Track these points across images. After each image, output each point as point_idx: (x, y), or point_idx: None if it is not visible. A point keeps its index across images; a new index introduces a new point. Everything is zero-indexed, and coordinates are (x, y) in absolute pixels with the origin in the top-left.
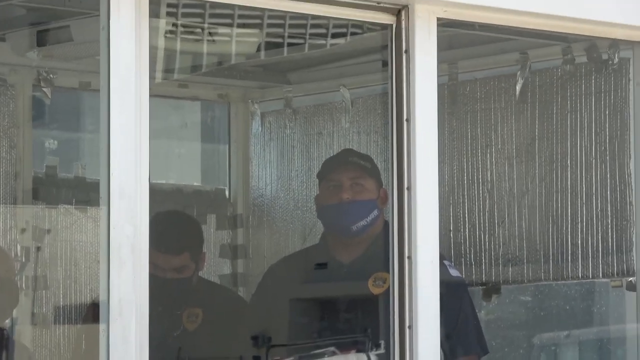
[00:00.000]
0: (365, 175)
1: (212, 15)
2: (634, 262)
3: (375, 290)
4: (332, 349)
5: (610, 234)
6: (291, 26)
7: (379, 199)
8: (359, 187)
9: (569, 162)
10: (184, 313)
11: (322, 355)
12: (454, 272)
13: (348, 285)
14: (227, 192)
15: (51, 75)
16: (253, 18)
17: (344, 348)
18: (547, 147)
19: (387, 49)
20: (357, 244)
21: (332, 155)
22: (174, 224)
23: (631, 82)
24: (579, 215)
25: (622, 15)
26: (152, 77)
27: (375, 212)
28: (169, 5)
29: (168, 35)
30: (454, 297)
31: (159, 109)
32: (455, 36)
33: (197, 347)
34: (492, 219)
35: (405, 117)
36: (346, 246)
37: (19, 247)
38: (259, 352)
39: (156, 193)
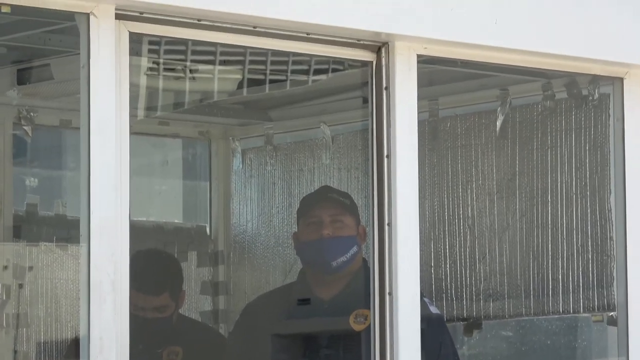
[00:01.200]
0: (344, 212)
1: (194, 52)
2: (615, 296)
3: (357, 327)
4: None
5: (591, 269)
6: (273, 62)
7: (358, 236)
8: (339, 224)
9: (549, 197)
10: (164, 351)
11: None
12: (433, 310)
13: (329, 322)
14: (208, 229)
15: (32, 114)
16: (235, 55)
17: None
18: (528, 183)
19: (367, 86)
20: (336, 280)
21: (311, 192)
22: (153, 264)
23: (611, 118)
24: (560, 250)
25: (601, 51)
26: (133, 115)
27: (355, 249)
28: (150, 42)
29: (149, 72)
30: (435, 333)
31: (140, 147)
32: (435, 72)
33: None
34: (473, 255)
35: (385, 153)
36: (325, 283)
37: (0, 285)
38: None
39: (137, 230)
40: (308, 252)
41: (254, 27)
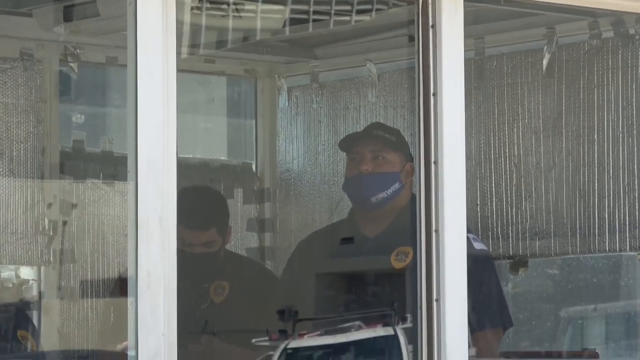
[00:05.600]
0: (387, 149)
1: None
2: None
3: (398, 265)
4: (358, 323)
5: (637, 208)
6: (316, 2)
7: (402, 172)
8: (381, 160)
9: (595, 136)
10: (210, 286)
11: (349, 329)
12: (478, 245)
13: (372, 259)
14: (254, 167)
15: (78, 50)
16: None
17: (370, 322)
18: (574, 122)
19: (413, 24)
20: (381, 217)
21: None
22: (200, 199)
23: None
24: (606, 189)
25: None
26: (178, 53)
27: (397, 185)
28: None
29: (194, 10)
30: (477, 270)
31: (185, 84)
32: (481, 11)
33: (223, 320)
34: (519, 193)
35: (432, 91)
36: (371, 220)
37: (46, 221)
38: (285, 326)
39: (183, 167)
40: (350, 187)
41: None
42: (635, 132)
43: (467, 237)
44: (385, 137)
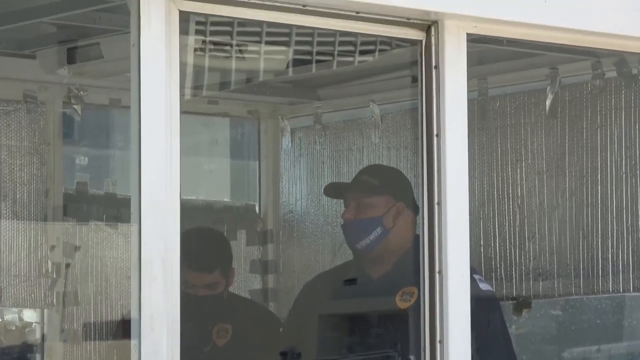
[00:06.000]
0: (370, 194)
1: (240, 33)
2: None
3: (403, 305)
4: None
5: None
6: (319, 43)
7: (387, 215)
8: (363, 206)
9: (599, 176)
10: (214, 329)
11: None
12: (484, 286)
13: (376, 300)
14: (257, 208)
15: (81, 92)
16: (281, 36)
17: None
18: (578, 162)
19: (416, 65)
20: (384, 258)
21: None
22: (204, 241)
23: None
24: (610, 230)
25: None
26: (181, 94)
27: (379, 230)
28: (197, 22)
29: (197, 52)
30: (483, 311)
31: (189, 126)
32: (484, 51)
33: None
34: (523, 234)
35: (435, 132)
36: (374, 262)
37: (49, 264)
38: None
39: (187, 208)
40: (343, 234)
41: (304, 6)
42: (638, 172)
43: (473, 278)
44: (367, 182)
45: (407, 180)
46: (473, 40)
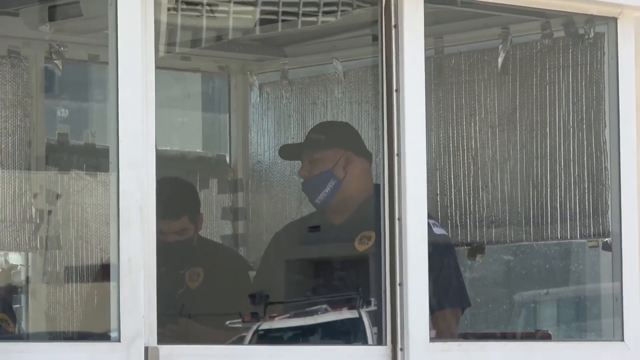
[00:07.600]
0: (318, 149)
1: None
2: (610, 223)
3: (361, 248)
4: (325, 306)
5: (587, 198)
6: (285, 4)
7: (337, 166)
8: (314, 163)
9: (548, 130)
10: (186, 272)
11: (316, 312)
12: (438, 230)
13: (337, 246)
14: (227, 158)
15: (62, 48)
16: None
17: (336, 306)
18: (528, 116)
19: (376, 24)
20: (345, 207)
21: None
22: (170, 189)
23: (606, 56)
24: (558, 180)
25: None
26: (156, 50)
27: (333, 182)
28: None
29: (171, 11)
30: (437, 254)
31: (163, 81)
32: (441, 12)
33: (198, 304)
34: (477, 184)
35: (394, 87)
36: (336, 210)
37: (33, 210)
38: (256, 309)
39: (161, 159)
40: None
41: None
42: (584, 126)
43: (428, 223)
44: (315, 139)
45: (354, 131)
46: (430, 1)
